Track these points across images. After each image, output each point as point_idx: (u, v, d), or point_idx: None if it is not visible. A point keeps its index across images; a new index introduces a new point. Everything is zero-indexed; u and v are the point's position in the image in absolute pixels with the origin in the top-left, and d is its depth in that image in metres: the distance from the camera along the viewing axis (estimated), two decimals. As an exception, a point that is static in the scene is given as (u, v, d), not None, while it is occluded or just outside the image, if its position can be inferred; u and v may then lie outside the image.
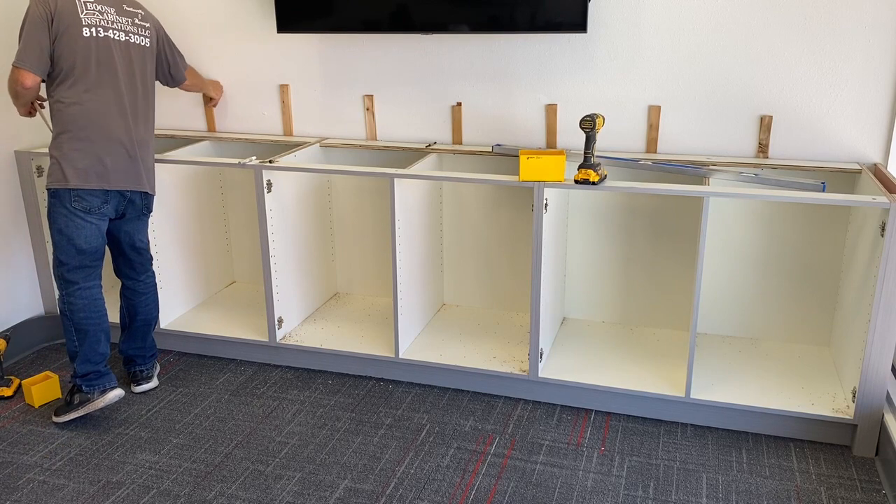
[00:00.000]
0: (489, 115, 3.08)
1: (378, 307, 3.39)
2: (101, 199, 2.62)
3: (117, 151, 2.62)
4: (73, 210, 2.59)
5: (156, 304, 2.95)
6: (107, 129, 2.60)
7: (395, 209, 2.74)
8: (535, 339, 2.72)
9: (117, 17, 2.66)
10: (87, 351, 2.68)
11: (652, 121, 2.89)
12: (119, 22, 2.66)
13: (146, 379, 2.94)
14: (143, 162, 2.71)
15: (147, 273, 2.91)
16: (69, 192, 2.57)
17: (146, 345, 2.95)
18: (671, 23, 2.77)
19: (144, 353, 2.95)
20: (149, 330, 2.94)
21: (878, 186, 2.41)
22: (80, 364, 2.69)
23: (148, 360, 2.96)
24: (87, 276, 2.68)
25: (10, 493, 2.36)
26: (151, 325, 2.94)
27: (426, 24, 2.88)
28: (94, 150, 2.58)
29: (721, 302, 3.00)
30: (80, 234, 2.61)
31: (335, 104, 3.26)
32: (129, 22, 2.70)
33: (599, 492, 2.31)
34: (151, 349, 2.98)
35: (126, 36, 2.68)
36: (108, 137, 2.61)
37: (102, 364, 2.71)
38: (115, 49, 2.64)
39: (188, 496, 2.33)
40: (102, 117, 2.60)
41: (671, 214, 2.96)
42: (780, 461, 2.44)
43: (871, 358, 2.38)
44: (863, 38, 2.60)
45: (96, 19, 2.60)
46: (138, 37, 2.72)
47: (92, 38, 2.58)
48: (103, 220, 2.67)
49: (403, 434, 2.63)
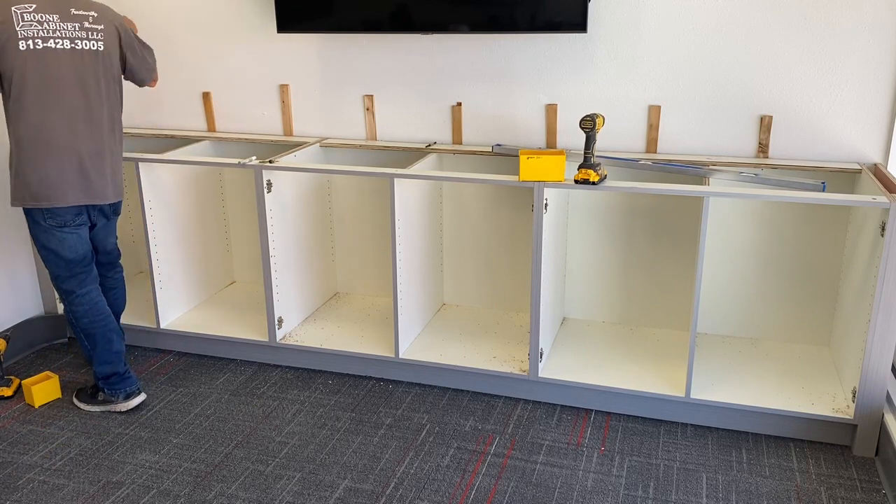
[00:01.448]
0: (489, 115, 3.08)
1: (378, 307, 3.39)
2: (73, 212, 2.60)
3: (69, 167, 2.54)
4: (49, 227, 2.59)
5: (123, 297, 3.02)
6: (55, 144, 2.51)
7: (395, 209, 2.74)
8: (535, 339, 2.72)
9: (61, 23, 2.51)
10: (100, 353, 2.74)
11: (652, 121, 2.89)
12: (63, 29, 2.51)
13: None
14: (102, 172, 2.62)
15: (115, 269, 2.94)
16: (41, 211, 2.56)
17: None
18: (671, 23, 2.77)
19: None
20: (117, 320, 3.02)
21: (878, 186, 2.41)
22: (98, 366, 2.75)
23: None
24: (81, 283, 2.70)
25: (10, 493, 2.36)
26: (118, 316, 3.03)
27: (426, 24, 2.88)
28: (44, 167, 2.51)
29: (721, 302, 3.00)
30: (63, 245, 2.63)
31: (335, 104, 3.27)
32: (77, 27, 2.54)
33: (599, 492, 2.31)
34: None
35: (71, 43, 2.52)
36: (58, 152, 2.51)
37: (121, 364, 2.77)
38: (57, 59, 2.50)
39: (188, 496, 2.33)
40: (50, 132, 2.50)
41: (671, 214, 2.96)
42: (780, 461, 2.45)
43: (871, 358, 2.38)
44: (863, 38, 2.60)
45: (34, 31, 2.46)
46: (87, 42, 2.56)
47: (28, 52, 2.45)
48: (82, 228, 2.67)
49: (403, 434, 2.63)
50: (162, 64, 3.44)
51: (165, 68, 3.45)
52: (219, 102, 3.43)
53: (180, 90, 3.47)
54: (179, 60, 3.42)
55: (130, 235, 3.76)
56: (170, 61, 3.44)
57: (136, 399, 2.78)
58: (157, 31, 3.40)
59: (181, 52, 3.40)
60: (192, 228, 3.35)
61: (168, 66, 3.45)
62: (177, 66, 3.43)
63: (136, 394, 2.79)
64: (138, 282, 3.72)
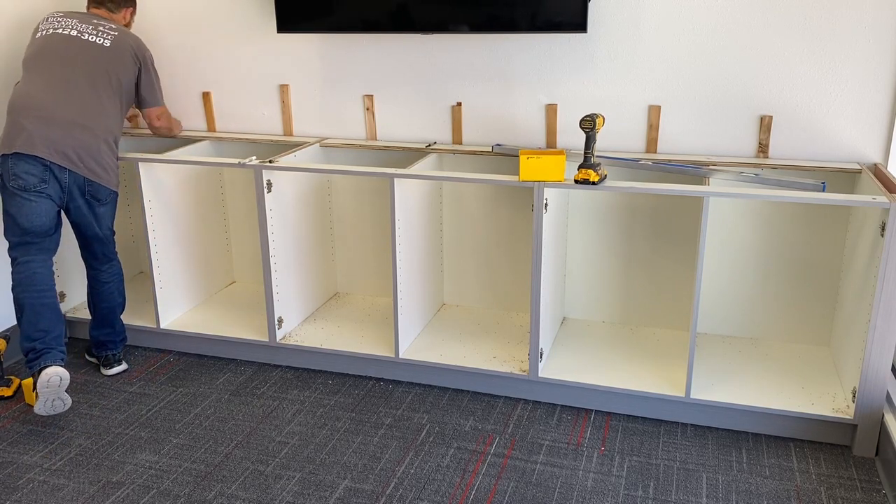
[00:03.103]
0: (489, 115, 3.08)
1: (378, 307, 3.39)
2: (38, 176, 2.66)
3: (41, 124, 2.67)
4: (13, 190, 2.67)
5: (120, 291, 3.02)
6: (33, 104, 2.68)
7: (395, 209, 2.74)
8: (535, 339, 2.72)
9: (78, 23, 2.82)
10: (25, 326, 2.66)
11: (652, 121, 2.89)
12: (75, 25, 2.81)
13: (117, 362, 3.06)
14: (75, 141, 2.70)
15: (110, 263, 2.96)
16: (7, 172, 2.65)
17: (115, 330, 3.05)
18: (671, 23, 2.77)
19: (114, 337, 3.05)
20: (115, 316, 3.03)
21: (878, 186, 2.41)
22: (21, 341, 2.66)
23: (118, 345, 3.07)
24: (25, 252, 2.71)
25: (10, 493, 2.36)
26: (117, 312, 3.04)
27: (426, 24, 2.88)
28: (17, 118, 2.68)
29: (721, 302, 3.00)
30: (21, 211, 2.66)
31: (335, 104, 3.27)
32: (90, 26, 2.83)
33: (599, 492, 2.31)
34: (121, 334, 3.08)
35: (77, 33, 2.79)
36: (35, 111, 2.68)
37: (41, 341, 2.63)
38: (58, 40, 2.77)
39: (188, 496, 2.33)
40: (31, 96, 2.70)
41: (671, 214, 2.96)
42: (780, 461, 2.45)
43: (871, 358, 2.38)
44: (863, 39, 2.60)
45: (52, 25, 2.83)
46: (94, 36, 2.81)
47: (41, 38, 2.80)
48: (46, 200, 2.69)
49: (403, 434, 2.63)
50: (162, 64, 3.44)
51: (166, 68, 3.45)
52: (219, 102, 3.43)
53: (180, 90, 3.47)
54: (179, 60, 3.42)
55: (130, 235, 3.76)
56: (170, 61, 3.44)
57: (45, 374, 2.52)
58: (158, 31, 3.40)
59: (181, 52, 3.40)
60: (192, 228, 3.35)
61: (168, 66, 3.45)
62: (177, 65, 3.43)
63: (46, 367, 2.54)
64: (138, 282, 3.72)
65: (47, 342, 2.64)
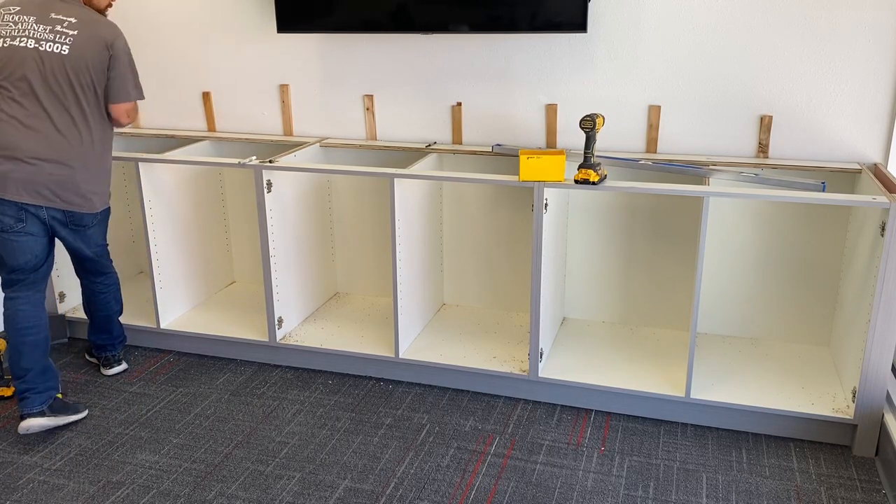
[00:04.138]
0: (489, 115, 3.08)
1: (378, 307, 3.39)
2: (14, 217, 2.53)
3: (8, 162, 2.48)
4: None
5: (116, 300, 2.97)
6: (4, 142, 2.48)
7: (395, 209, 2.74)
8: (535, 339, 2.72)
9: (35, 25, 2.51)
10: (10, 363, 2.62)
11: (652, 121, 2.89)
12: (32, 30, 2.50)
13: (116, 362, 3.08)
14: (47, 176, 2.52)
15: (105, 275, 2.89)
16: None
17: (112, 334, 3.04)
18: (671, 23, 2.77)
19: (112, 341, 3.05)
20: (111, 322, 3.01)
21: (878, 186, 2.41)
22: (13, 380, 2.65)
23: (117, 347, 3.07)
24: (12, 289, 2.63)
25: (10, 493, 2.36)
26: (112, 318, 3.01)
27: (426, 23, 2.88)
28: None
29: (721, 302, 3.00)
30: (4, 249, 2.57)
31: (335, 104, 3.27)
32: (48, 29, 2.51)
33: (599, 492, 2.31)
34: (119, 336, 3.08)
35: (36, 43, 2.50)
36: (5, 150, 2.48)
37: (22, 380, 2.59)
38: (17, 61, 2.49)
39: (188, 496, 2.33)
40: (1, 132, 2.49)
41: (671, 214, 2.96)
42: (780, 461, 2.44)
43: (871, 358, 2.38)
44: (863, 39, 2.60)
45: (9, 30, 2.52)
46: (53, 44, 2.50)
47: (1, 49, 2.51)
48: (27, 237, 2.57)
49: (403, 434, 2.63)
50: (162, 64, 3.44)
51: (166, 68, 3.45)
52: (219, 102, 3.43)
53: (180, 90, 3.47)
54: (179, 60, 3.42)
55: (130, 235, 3.76)
56: (170, 61, 3.44)
57: (22, 424, 2.56)
58: (158, 31, 3.40)
59: (181, 52, 3.40)
60: (192, 228, 3.35)
61: (168, 66, 3.45)
62: (177, 66, 3.43)
63: (24, 419, 2.57)
64: (138, 282, 3.72)
65: (28, 381, 2.59)
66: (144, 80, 3.50)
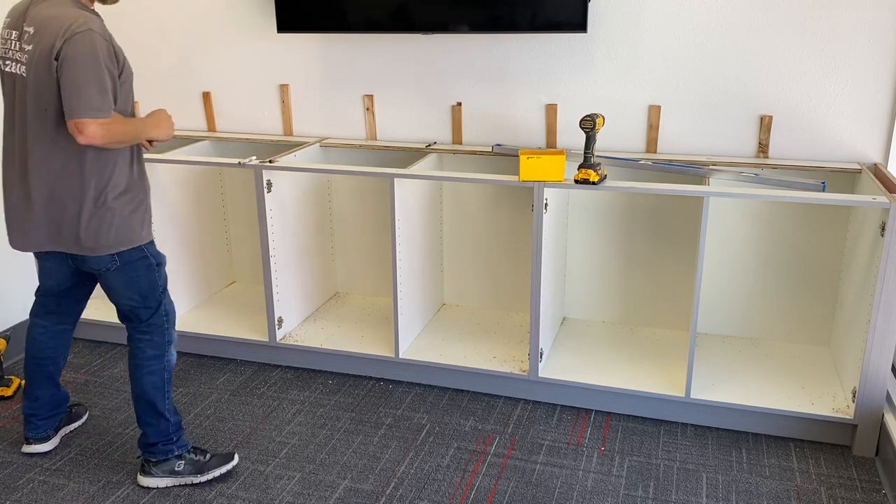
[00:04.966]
0: (489, 115, 3.08)
1: (378, 307, 3.39)
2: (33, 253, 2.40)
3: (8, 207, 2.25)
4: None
5: (138, 366, 2.34)
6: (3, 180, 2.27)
7: (395, 209, 2.74)
8: (535, 339, 2.72)
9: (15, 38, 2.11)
10: (25, 385, 2.53)
11: (652, 121, 2.89)
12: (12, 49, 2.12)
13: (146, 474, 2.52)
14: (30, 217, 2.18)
15: (134, 340, 2.33)
16: None
17: (153, 424, 2.46)
18: (671, 23, 2.77)
19: (156, 437, 2.46)
20: (143, 409, 2.39)
21: (878, 186, 2.41)
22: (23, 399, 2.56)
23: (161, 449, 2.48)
24: (35, 310, 2.49)
25: (10, 493, 2.36)
26: (144, 406, 2.38)
27: (426, 24, 2.88)
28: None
29: (721, 302, 3.00)
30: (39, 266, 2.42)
31: (335, 104, 3.27)
32: (17, 46, 2.10)
33: (599, 492, 2.31)
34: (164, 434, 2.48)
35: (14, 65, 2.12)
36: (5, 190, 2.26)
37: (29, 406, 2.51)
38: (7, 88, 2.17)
39: (188, 496, 2.33)
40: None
41: (671, 214, 2.96)
42: (780, 461, 2.45)
43: (871, 358, 2.38)
44: (863, 39, 2.60)
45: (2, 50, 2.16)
46: (17, 64, 2.10)
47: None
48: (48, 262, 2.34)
49: (403, 434, 2.63)
50: (162, 64, 3.44)
51: (166, 68, 3.45)
52: (219, 102, 3.43)
53: (180, 90, 3.47)
54: (179, 60, 3.42)
55: (130, 235, 3.76)
56: (170, 61, 3.44)
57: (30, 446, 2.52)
58: (158, 32, 3.40)
59: (181, 52, 3.40)
60: (192, 228, 3.35)
61: (168, 67, 3.45)
62: (177, 66, 3.43)
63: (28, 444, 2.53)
64: (138, 282, 3.72)
65: (35, 409, 2.52)
66: (145, 81, 3.50)
